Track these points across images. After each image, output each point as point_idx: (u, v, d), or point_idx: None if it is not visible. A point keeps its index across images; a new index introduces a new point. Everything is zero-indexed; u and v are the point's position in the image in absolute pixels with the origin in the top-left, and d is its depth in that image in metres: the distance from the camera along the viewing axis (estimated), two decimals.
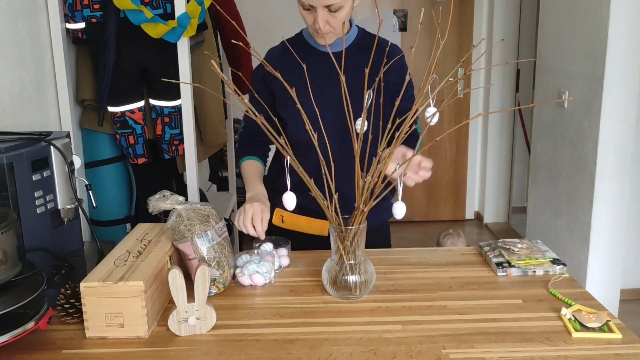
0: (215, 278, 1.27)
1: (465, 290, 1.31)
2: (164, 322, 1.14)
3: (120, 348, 1.08)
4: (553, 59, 3.01)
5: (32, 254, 1.26)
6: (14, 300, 1.02)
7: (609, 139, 2.53)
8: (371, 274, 1.26)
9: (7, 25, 1.73)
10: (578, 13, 2.70)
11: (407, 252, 1.55)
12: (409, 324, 1.15)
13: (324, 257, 1.31)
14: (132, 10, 1.95)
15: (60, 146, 1.35)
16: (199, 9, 2.01)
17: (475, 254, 1.53)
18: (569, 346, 1.07)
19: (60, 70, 2.03)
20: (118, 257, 1.20)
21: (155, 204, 1.26)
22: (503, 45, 4.15)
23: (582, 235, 2.68)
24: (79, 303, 1.14)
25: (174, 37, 2.02)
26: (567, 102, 2.81)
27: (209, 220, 1.28)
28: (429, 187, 4.48)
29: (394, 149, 1.19)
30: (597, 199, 2.58)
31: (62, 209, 1.37)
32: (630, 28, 2.43)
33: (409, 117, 1.17)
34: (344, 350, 1.06)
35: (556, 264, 1.40)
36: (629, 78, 2.48)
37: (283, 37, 1.58)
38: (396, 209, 1.19)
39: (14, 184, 1.23)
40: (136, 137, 2.17)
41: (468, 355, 1.04)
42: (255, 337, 1.11)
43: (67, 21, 2.05)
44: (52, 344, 1.09)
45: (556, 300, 1.25)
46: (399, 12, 4.18)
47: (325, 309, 1.23)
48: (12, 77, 1.75)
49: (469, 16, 4.21)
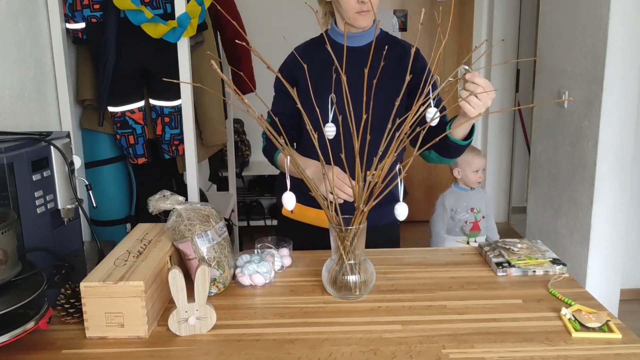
0: (215, 278, 1.27)
1: (465, 290, 1.31)
2: (164, 322, 1.14)
3: (120, 348, 1.08)
4: (553, 59, 3.01)
5: (32, 254, 1.26)
6: (14, 300, 1.02)
7: (609, 139, 2.53)
8: (371, 274, 1.26)
9: (7, 25, 1.73)
10: (578, 13, 2.70)
11: (407, 252, 1.55)
12: (409, 324, 1.15)
13: (324, 257, 1.31)
14: (132, 10, 1.95)
15: (61, 146, 1.35)
16: (199, 9, 2.01)
17: (475, 254, 1.54)
18: (569, 346, 1.07)
19: (60, 70, 2.03)
20: (118, 257, 1.20)
21: (155, 204, 1.26)
22: (503, 45, 4.15)
23: (582, 235, 2.69)
24: (79, 303, 1.14)
25: (174, 37, 2.02)
26: (567, 102, 2.81)
27: (209, 220, 1.28)
28: (429, 187, 4.48)
29: (395, 148, 1.19)
30: (597, 199, 2.58)
31: (62, 209, 1.37)
32: (630, 28, 2.43)
33: (409, 118, 1.18)
34: (344, 350, 1.06)
35: (556, 264, 1.40)
36: (629, 78, 2.48)
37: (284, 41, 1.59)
38: (398, 210, 1.19)
39: (14, 184, 1.23)
40: (136, 137, 2.17)
41: (468, 355, 1.04)
42: (255, 337, 1.11)
43: (67, 21, 2.05)
44: (52, 344, 1.09)
45: (556, 300, 1.25)
46: (399, 12, 4.18)
47: (325, 309, 1.23)
48: (12, 77, 1.75)
49: (469, 16, 4.21)
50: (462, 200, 2.69)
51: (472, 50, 4.20)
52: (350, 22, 1.54)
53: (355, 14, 1.50)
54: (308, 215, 1.60)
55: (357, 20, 1.52)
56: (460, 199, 2.70)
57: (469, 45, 4.24)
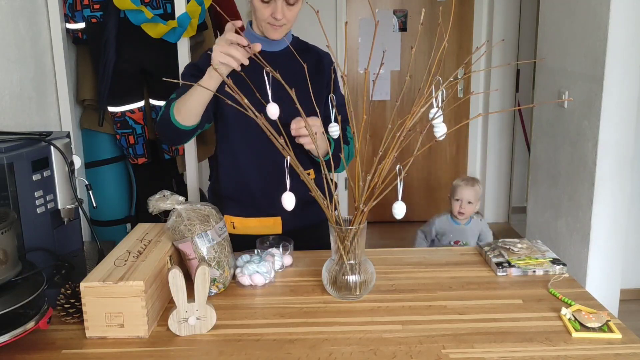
0: (215, 278, 1.27)
1: (465, 290, 1.31)
2: (164, 322, 1.14)
3: (120, 348, 1.08)
4: (553, 59, 3.01)
5: (32, 254, 1.26)
6: (14, 300, 1.02)
7: (609, 139, 2.53)
8: (371, 274, 1.26)
9: (7, 25, 1.73)
10: (578, 13, 2.70)
11: (407, 252, 1.55)
12: (409, 324, 1.15)
13: (324, 257, 1.31)
14: (132, 10, 1.95)
15: (61, 146, 1.35)
16: (199, 9, 2.02)
17: (475, 254, 1.54)
18: (569, 346, 1.07)
19: (60, 70, 2.03)
20: (118, 257, 1.20)
21: (155, 204, 1.26)
22: (503, 45, 4.16)
23: (582, 235, 2.69)
24: (79, 303, 1.14)
25: (174, 37, 2.02)
26: (567, 102, 2.81)
27: (209, 220, 1.28)
28: (429, 187, 4.49)
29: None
30: (597, 199, 2.58)
31: (62, 209, 1.37)
32: (630, 28, 2.43)
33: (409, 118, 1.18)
34: (344, 350, 1.06)
35: (556, 264, 1.40)
36: (629, 78, 2.48)
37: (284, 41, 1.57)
38: (396, 208, 1.19)
39: (14, 184, 1.23)
40: (136, 137, 2.17)
41: (468, 355, 1.04)
42: (255, 337, 1.11)
43: (67, 21, 2.05)
44: (52, 344, 1.09)
45: (556, 300, 1.25)
46: (399, 12, 4.18)
47: (325, 309, 1.23)
48: (12, 77, 1.75)
49: (469, 16, 4.21)
50: (449, 231, 2.64)
51: (472, 52, 4.21)
52: (262, 31, 1.52)
53: (267, 24, 1.48)
54: (251, 225, 1.60)
55: (268, 32, 1.50)
56: (448, 228, 2.65)
57: (469, 46, 4.25)
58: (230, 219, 1.61)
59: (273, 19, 1.45)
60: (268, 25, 1.49)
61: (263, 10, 1.45)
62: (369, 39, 4.11)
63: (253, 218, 1.60)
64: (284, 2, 1.43)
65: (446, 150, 4.43)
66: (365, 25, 4.15)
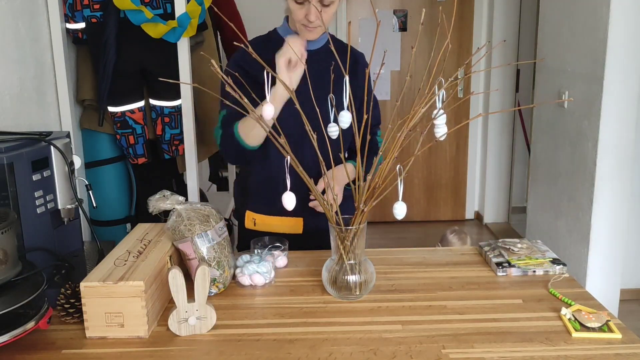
0: (215, 278, 1.27)
1: (465, 290, 1.31)
2: (164, 322, 1.14)
3: (120, 348, 1.08)
4: (553, 59, 3.01)
5: (32, 254, 1.26)
6: (14, 300, 1.02)
7: (609, 139, 2.53)
8: (371, 274, 1.26)
9: (7, 25, 1.73)
10: (578, 13, 2.70)
11: (407, 252, 1.55)
12: (409, 324, 1.15)
13: (324, 257, 1.31)
14: (132, 10, 1.95)
15: (61, 146, 1.35)
16: (199, 9, 2.01)
17: (475, 254, 1.54)
18: (569, 346, 1.07)
19: (60, 70, 2.03)
20: (118, 257, 1.20)
21: (155, 204, 1.26)
22: (503, 45, 4.15)
23: (582, 235, 2.69)
24: (79, 303, 1.14)
25: (174, 37, 2.02)
26: (567, 102, 2.81)
27: (209, 220, 1.28)
28: (429, 187, 4.49)
29: None
30: (597, 199, 2.58)
31: (62, 209, 1.37)
32: (630, 28, 2.43)
33: (409, 120, 1.18)
34: (344, 350, 1.06)
35: (556, 264, 1.40)
36: (629, 78, 2.48)
37: None
38: (396, 208, 1.19)
39: (14, 184, 1.23)
40: (136, 137, 2.17)
41: (468, 355, 1.04)
42: (255, 337, 1.11)
43: (67, 21, 2.05)
44: (52, 344, 1.09)
45: (556, 300, 1.25)
46: (399, 12, 4.18)
47: (325, 309, 1.23)
48: (12, 77, 1.75)
49: (469, 16, 4.21)
50: None
51: (472, 52, 4.21)
52: (297, 31, 1.51)
53: (301, 25, 1.47)
54: (272, 224, 1.59)
55: (302, 32, 1.49)
56: None
57: (469, 46, 4.25)
58: (252, 215, 1.60)
59: (307, 21, 1.44)
60: (302, 27, 1.47)
61: (297, 11, 1.44)
62: (369, 39, 4.11)
63: (276, 217, 1.58)
64: (319, 3, 1.41)
65: (446, 150, 4.43)
66: (365, 25, 4.15)
